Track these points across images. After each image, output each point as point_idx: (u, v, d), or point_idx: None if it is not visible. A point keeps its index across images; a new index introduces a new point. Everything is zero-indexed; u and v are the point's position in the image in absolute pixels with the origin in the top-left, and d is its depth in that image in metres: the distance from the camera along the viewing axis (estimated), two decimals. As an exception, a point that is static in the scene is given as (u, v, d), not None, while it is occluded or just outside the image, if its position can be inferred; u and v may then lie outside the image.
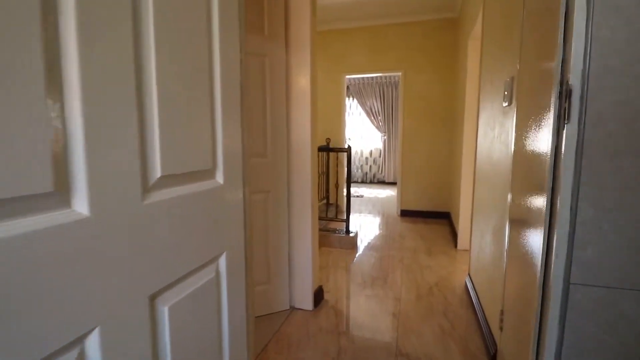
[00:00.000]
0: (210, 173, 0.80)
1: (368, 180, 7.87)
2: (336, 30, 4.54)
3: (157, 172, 0.62)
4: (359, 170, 7.91)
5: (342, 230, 3.35)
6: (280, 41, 1.90)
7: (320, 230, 3.35)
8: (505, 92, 1.53)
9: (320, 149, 3.45)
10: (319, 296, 2.18)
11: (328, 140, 4.62)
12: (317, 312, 2.08)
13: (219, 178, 0.84)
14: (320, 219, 3.50)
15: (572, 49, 0.68)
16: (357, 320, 1.99)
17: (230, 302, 0.89)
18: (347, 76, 4.70)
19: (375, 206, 5.36)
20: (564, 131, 0.71)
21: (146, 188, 0.60)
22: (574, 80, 0.68)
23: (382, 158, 7.65)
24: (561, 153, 0.70)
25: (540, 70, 1.06)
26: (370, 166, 7.86)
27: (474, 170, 2.39)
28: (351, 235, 3.24)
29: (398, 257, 3.02)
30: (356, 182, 7.91)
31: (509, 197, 1.39)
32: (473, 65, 2.96)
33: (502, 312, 1.50)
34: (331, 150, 3.40)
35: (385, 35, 4.38)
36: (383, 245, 3.36)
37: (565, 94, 0.71)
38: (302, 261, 2.10)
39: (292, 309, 2.11)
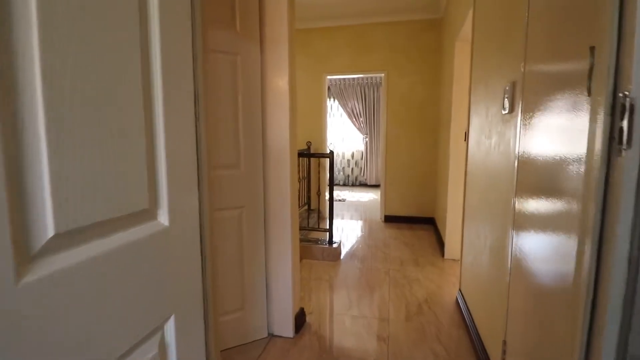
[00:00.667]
0: (147, 214, 0.59)
1: (350, 183, 7.72)
2: (317, 29, 4.34)
3: (45, 230, 0.40)
4: (341, 173, 7.75)
5: (324, 240, 3.16)
6: (255, 38, 1.68)
7: (301, 240, 3.14)
8: (506, 98, 1.38)
9: (301, 154, 3.25)
10: (300, 320, 1.98)
11: (309, 143, 4.42)
12: (299, 339, 1.87)
13: (163, 218, 0.62)
14: (301, 228, 3.30)
15: (636, 49, 0.51)
16: (343, 348, 1.80)
17: (183, 379, 0.67)
18: (329, 77, 4.52)
19: (358, 211, 5.20)
20: (620, 159, 0.54)
21: (24, 259, 0.38)
22: (637, 91, 0.51)
23: (364, 160, 7.52)
24: (618, 187, 0.53)
25: (559, 75, 0.90)
26: (352, 168, 7.72)
27: (465, 177, 2.25)
28: (334, 246, 3.05)
29: (384, 269, 2.86)
30: (338, 184, 7.74)
31: (513, 202, 1.24)
32: (461, 68, 2.84)
33: (504, 343, 1.34)
34: (312, 156, 3.20)
35: (368, 35, 4.23)
36: (368, 255, 3.19)
37: (620, 110, 0.54)
38: (281, 283, 1.89)
39: (271, 336, 1.89)
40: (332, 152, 3.00)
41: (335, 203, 5.70)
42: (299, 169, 3.72)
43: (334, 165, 7.74)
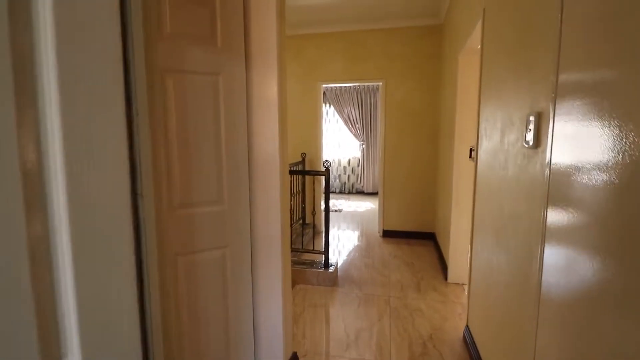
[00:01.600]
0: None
1: (346, 191, 7.53)
2: (311, 35, 4.14)
3: None
4: (337, 180, 7.55)
5: (320, 263, 2.95)
6: (239, 54, 1.48)
7: (294, 263, 2.94)
8: (530, 130, 1.19)
9: (295, 171, 3.05)
10: (292, 367, 1.78)
11: (303, 155, 4.22)
12: (291, 391, 1.67)
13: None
14: (294, 250, 3.10)
15: None
16: (340, 403, 1.60)
17: None
18: (324, 85, 4.32)
19: (355, 223, 5.01)
20: None
21: None
22: None
23: (361, 168, 7.32)
24: None
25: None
26: (349, 176, 7.52)
27: (473, 202, 2.05)
28: (330, 269, 2.85)
29: (384, 296, 2.66)
30: (334, 192, 7.54)
31: (541, 249, 1.04)
32: (465, 81, 2.65)
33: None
34: (307, 174, 3.01)
35: (364, 41, 4.03)
36: (367, 278, 2.99)
37: None
38: (271, 326, 1.68)
39: (259, 388, 1.68)
40: (327, 170, 2.80)
41: (331, 214, 5.50)
42: (293, 184, 3.52)
43: (329, 172, 7.55)
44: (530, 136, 1.18)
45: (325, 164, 2.83)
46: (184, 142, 1.38)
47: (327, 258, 2.88)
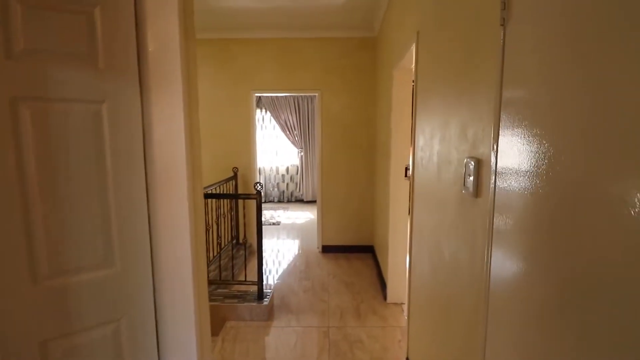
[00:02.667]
0: None
1: (285, 200, 7.30)
2: (243, 40, 3.83)
3: None
4: (275, 189, 7.28)
5: (253, 294, 2.69)
6: (130, 76, 1.16)
7: (223, 298, 2.64)
8: (469, 178, 1.09)
9: (220, 195, 2.74)
10: None
11: (235, 170, 3.90)
12: None
13: None
14: (222, 282, 2.80)
15: None
16: None
17: None
18: (257, 94, 4.04)
19: (293, 236, 4.81)
20: None
21: None
22: None
23: (300, 175, 7.15)
24: None
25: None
26: (287, 184, 7.30)
27: (410, 240, 1.97)
28: (265, 302, 2.60)
29: (323, 327, 2.49)
30: (272, 201, 7.26)
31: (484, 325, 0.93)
32: (399, 100, 2.60)
33: None
34: (235, 197, 2.72)
35: (299, 50, 3.84)
36: (305, 306, 2.80)
37: None
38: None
39: None
40: (259, 193, 2.55)
41: (269, 227, 5.23)
42: (222, 202, 3.20)
43: (267, 181, 7.25)
44: (470, 183, 1.07)
45: (256, 186, 2.57)
46: (51, 191, 1.04)
47: (260, 290, 2.63)
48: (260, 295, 2.64)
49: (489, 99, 0.95)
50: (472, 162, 1.06)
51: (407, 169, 2.68)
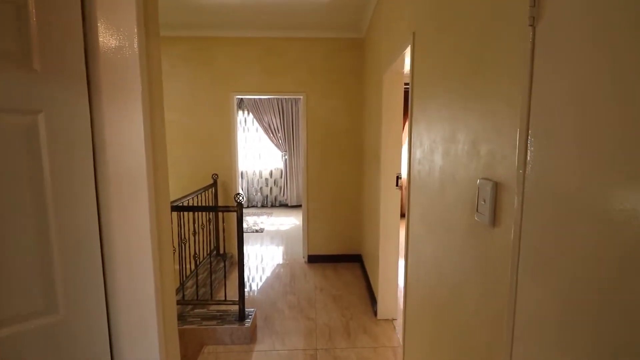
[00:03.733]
0: None
1: (269, 204, 7.07)
2: (222, 39, 3.60)
3: None
4: (258, 194, 7.05)
5: (234, 314, 2.48)
6: (75, 80, 0.95)
7: (201, 320, 2.42)
8: (483, 203, 0.93)
9: (198, 208, 2.53)
10: None
11: (215, 176, 3.68)
12: None
13: None
14: (199, 302, 2.58)
15: None
16: None
17: None
18: (238, 96, 3.82)
19: (278, 245, 4.60)
20: None
21: None
22: None
23: (284, 179, 6.94)
24: None
25: None
26: (271, 188, 7.08)
27: (406, 261, 1.82)
28: (247, 323, 2.39)
29: (310, 349, 2.31)
30: (255, 207, 7.02)
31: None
32: (390, 107, 2.44)
33: None
34: (213, 210, 2.51)
35: (283, 50, 3.64)
36: (291, 325, 2.61)
37: None
38: None
39: None
40: (240, 205, 2.34)
41: (252, 235, 5.00)
42: (201, 213, 2.97)
43: (250, 185, 6.99)
44: (487, 211, 0.92)
45: (237, 198, 2.36)
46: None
47: (242, 310, 2.42)
48: (242, 316, 2.43)
49: (511, 113, 0.80)
50: (488, 185, 0.90)
51: (398, 177, 2.54)
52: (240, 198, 2.38)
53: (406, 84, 2.43)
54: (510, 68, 0.82)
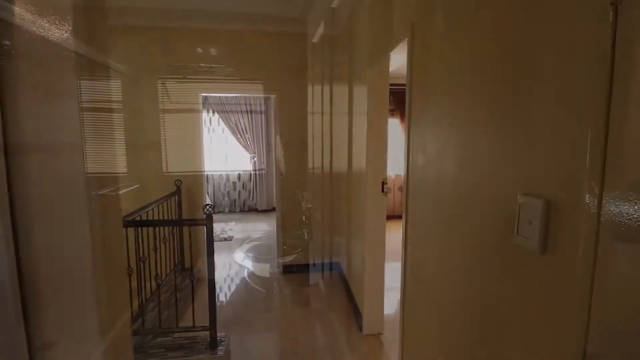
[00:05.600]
0: None
1: (237, 209, 6.69)
2: (185, 31, 3.25)
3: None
4: (226, 198, 6.65)
5: (204, 341, 2.17)
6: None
7: (166, 350, 2.09)
8: (530, 224, 0.76)
9: (158, 222, 2.20)
10: None
11: (178, 183, 3.31)
12: None
13: None
14: (162, 331, 2.26)
15: None
16: None
17: None
18: (204, 94, 3.48)
19: (249, 254, 4.29)
20: None
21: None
22: None
23: (253, 182, 6.61)
24: None
25: None
26: (239, 192, 6.71)
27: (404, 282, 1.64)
28: (219, 352, 2.10)
29: (293, 377, 2.08)
30: (222, 212, 6.61)
31: None
32: (375, 108, 2.26)
33: None
34: (178, 224, 2.19)
35: (252, 45, 3.36)
36: (270, 349, 2.36)
37: None
38: None
39: None
40: (210, 217, 2.05)
41: (220, 244, 4.63)
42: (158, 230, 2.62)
43: (217, 189, 6.58)
44: (537, 233, 0.74)
45: (206, 210, 2.07)
46: None
47: (213, 337, 2.13)
48: (214, 344, 2.13)
49: (576, 113, 0.63)
50: (538, 204, 0.73)
51: (384, 183, 2.37)
52: (210, 209, 2.09)
53: (393, 84, 2.27)
54: (582, 53, 0.65)
